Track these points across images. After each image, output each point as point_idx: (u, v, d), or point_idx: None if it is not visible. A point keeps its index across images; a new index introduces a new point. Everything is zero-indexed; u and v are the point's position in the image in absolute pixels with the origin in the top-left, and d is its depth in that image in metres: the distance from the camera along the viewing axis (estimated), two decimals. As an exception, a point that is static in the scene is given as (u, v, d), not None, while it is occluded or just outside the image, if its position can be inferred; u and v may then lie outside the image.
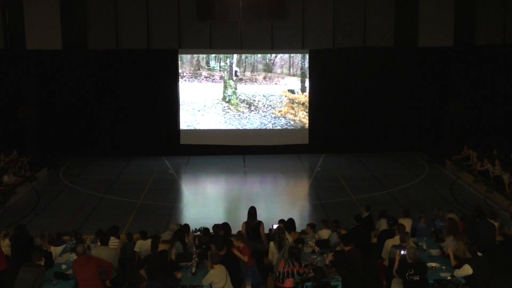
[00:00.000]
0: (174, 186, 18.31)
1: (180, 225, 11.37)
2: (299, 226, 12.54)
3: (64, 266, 9.47)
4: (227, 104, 22.04)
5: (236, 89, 21.88)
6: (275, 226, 10.88)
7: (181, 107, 21.84)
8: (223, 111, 22.09)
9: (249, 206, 11.29)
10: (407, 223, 11.02)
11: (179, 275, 8.91)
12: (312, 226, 11.69)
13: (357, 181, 18.41)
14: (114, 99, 21.55)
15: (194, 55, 21.71)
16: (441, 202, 15.56)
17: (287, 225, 11.13)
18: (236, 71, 21.90)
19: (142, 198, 16.74)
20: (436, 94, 21.72)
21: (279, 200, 16.85)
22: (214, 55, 21.79)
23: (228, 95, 22.03)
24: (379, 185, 17.99)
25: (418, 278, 8.44)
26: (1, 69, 20.48)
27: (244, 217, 11.53)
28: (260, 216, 11.63)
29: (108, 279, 8.94)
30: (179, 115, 21.82)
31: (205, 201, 17.00)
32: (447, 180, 18.59)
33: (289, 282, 8.79)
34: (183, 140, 22.02)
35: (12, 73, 20.64)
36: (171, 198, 16.85)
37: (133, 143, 21.84)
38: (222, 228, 10.76)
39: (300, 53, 21.69)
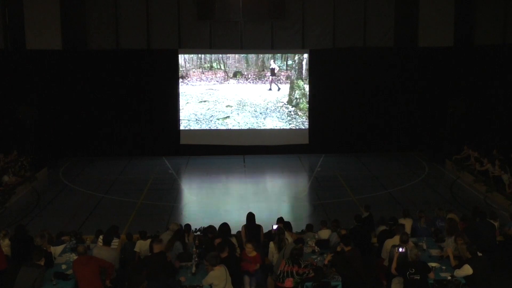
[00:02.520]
0: (174, 186, 18.31)
1: (180, 225, 11.36)
2: (299, 226, 12.55)
3: (64, 266, 9.47)
4: (294, 108, 21.63)
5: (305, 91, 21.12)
6: (274, 227, 10.87)
7: (243, 108, 21.68)
8: (289, 116, 21.78)
9: (249, 206, 11.33)
10: (407, 223, 11.03)
11: (182, 278, 8.92)
12: (309, 227, 11.71)
13: (357, 181, 18.41)
14: (114, 99, 21.54)
15: (259, 55, 21.61)
16: (441, 202, 15.56)
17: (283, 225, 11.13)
18: (273, 69, 21.56)
19: (142, 198, 16.73)
20: (436, 94, 21.71)
21: (279, 200, 16.85)
22: (280, 54, 21.63)
23: (296, 98, 21.56)
24: (379, 185, 17.98)
25: (418, 277, 8.44)
26: (1, 69, 20.47)
27: (244, 217, 11.53)
28: (260, 216, 11.65)
29: (108, 279, 8.94)
30: (179, 115, 21.83)
31: (205, 201, 16.99)
32: (447, 180, 18.60)
33: (289, 282, 8.79)
34: (183, 140, 22.01)
35: (12, 73, 20.63)
36: (171, 198, 16.85)
37: (133, 143, 21.85)
38: (213, 231, 10.73)
39: (300, 53, 21.68)
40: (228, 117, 21.92)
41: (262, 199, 16.79)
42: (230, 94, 21.81)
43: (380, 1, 21.43)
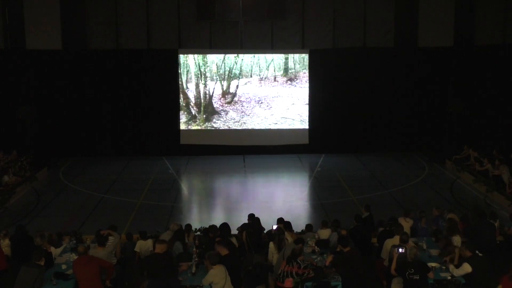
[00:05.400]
0: (174, 186, 18.31)
1: (180, 225, 11.37)
2: (299, 226, 12.55)
3: (64, 266, 9.48)
4: None
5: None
6: (274, 227, 10.88)
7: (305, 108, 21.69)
8: None
9: (249, 206, 11.32)
10: (407, 223, 11.03)
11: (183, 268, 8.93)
12: (309, 227, 11.70)
13: (357, 181, 18.40)
14: (114, 99, 21.54)
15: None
16: (441, 202, 15.54)
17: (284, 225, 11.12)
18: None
19: (142, 198, 16.74)
20: (436, 94, 21.71)
21: (279, 200, 16.85)
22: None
23: None
24: (379, 185, 17.98)
25: (418, 277, 8.44)
26: (1, 69, 20.47)
27: (244, 217, 11.54)
28: (260, 216, 11.64)
29: (108, 279, 8.94)
30: (179, 115, 21.84)
31: (205, 201, 17.01)
32: (447, 180, 18.59)
33: (289, 282, 8.79)
34: (183, 140, 22.01)
35: (12, 73, 20.63)
36: (171, 198, 16.85)
37: (133, 143, 21.86)
38: (218, 230, 10.73)
39: (300, 53, 21.67)
40: None
41: (262, 199, 16.79)
42: None
43: (380, 1, 21.44)
